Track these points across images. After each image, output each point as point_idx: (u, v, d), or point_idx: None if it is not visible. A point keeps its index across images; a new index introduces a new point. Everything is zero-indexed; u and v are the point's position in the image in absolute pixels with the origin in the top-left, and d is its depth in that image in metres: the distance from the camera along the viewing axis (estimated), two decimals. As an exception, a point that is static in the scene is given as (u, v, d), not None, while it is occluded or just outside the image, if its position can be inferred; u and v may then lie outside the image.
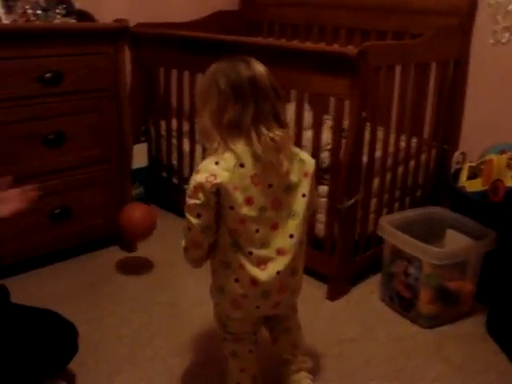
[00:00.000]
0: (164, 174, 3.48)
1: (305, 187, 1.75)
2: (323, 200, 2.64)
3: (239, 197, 1.64)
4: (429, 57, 2.78)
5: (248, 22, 3.94)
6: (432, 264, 2.35)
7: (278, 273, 1.72)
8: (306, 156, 1.81)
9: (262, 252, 1.71)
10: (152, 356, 2.21)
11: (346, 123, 2.51)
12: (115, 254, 2.97)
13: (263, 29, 3.89)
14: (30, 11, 2.71)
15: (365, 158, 2.55)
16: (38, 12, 2.75)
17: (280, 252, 1.72)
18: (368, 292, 2.68)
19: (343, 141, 2.49)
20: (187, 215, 1.70)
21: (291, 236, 1.73)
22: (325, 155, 2.66)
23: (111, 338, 2.31)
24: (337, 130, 2.50)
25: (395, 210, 2.89)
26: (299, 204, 1.74)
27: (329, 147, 2.65)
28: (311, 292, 2.65)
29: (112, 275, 2.78)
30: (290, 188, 1.73)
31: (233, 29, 3.68)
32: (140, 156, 3.23)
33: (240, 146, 1.64)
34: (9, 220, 2.42)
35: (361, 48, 2.30)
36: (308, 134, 2.70)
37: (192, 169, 3.22)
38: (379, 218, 2.68)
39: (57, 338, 1.98)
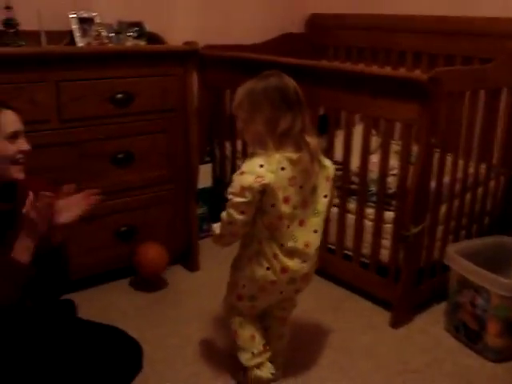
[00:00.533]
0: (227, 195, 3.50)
1: (326, 189, 1.99)
2: (388, 226, 2.61)
3: (280, 196, 1.85)
4: (500, 82, 2.72)
5: (313, 44, 3.95)
6: (501, 295, 2.28)
7: (305, 262, 1.96)
8: (328, 162, 2.03)
9: (292, 244, 1.93)
10: (214, 377, 2.22)
11: (411, 148, 2.48)
12: (179, 272, 3.00)
13: (328, 51, 3.90)
14: (103, 34, 2.79)
15: (432, 184, 2.51)
16: (111, 35, 2.84)
17: (307, 245, 1.95)
18: (432, 321, 2.62)
19: (409, 166, 2.47)
20: (231, 211, 1.87)
21: (315, 231, 1.98)
22: (390, 180, 2.62)
23: (174, 357, 2.32)
24: (404, 156, 2.47)
25: (461, 237, 2.83)
26: (322, 204, 1.98)
27: (394, 172, 2.63)
28: (374, 318, 2.63)
29: (175, 294, 2.80)
30: (315, 190, 1.96)
31: (298, 51, 3.70)
32: (204, 176, 3.26)
33: (288, 153, 1.84)
34: (78, 235, 2.50)
35: (432, 74, 2.27)
36: (373, 158, 2.68)
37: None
38: (445, 245, 2.64)
39: (122, 355, 2.01)
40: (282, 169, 1.84)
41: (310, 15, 3.95)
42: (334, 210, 2.82)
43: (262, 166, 1.82)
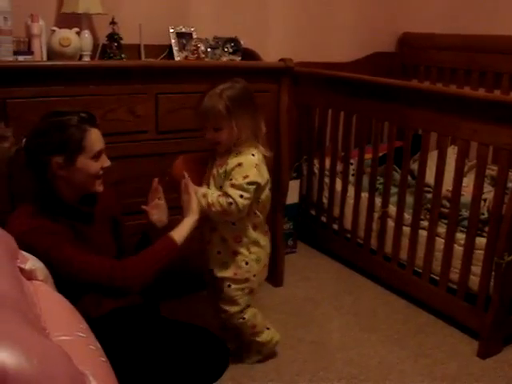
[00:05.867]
0: (313, 212, 3.51)
1: None
2: (480, 252, 2.54)
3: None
4: None
5: (403, 64, 3.92)
6: None
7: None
8: None
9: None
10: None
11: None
12: (262, 287, 2.98)
13: (419, 72, 3.85)
14: (200, 49, 2.86)
15: (529, 212, 2.44)
16: (208, 50, 2.91)
17: None
18: (523, 353, 2.53)
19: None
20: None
21: None
22: (481, 205, 2.56)
23: (256, 371, 2.34)
24: (501, 182, 2.40)
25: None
26: None
27: (484, 197, 2.57)
28: (459, 346, 2.56)
29: (258, 308, 2.77)
30: None
31: (387, 70, 3.69)
32: (291, 192, 3.25)
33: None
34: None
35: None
36: (463, 182, 2.63)
37: (342, 209, 3.23)
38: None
39: (210, 350, 2.03)
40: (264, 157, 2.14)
41: (402, 34, 3.92)
42: (423, 232, 2.78)
43: (253, 155, 2.08)
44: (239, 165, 2.05)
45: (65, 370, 0.79)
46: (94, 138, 1.91)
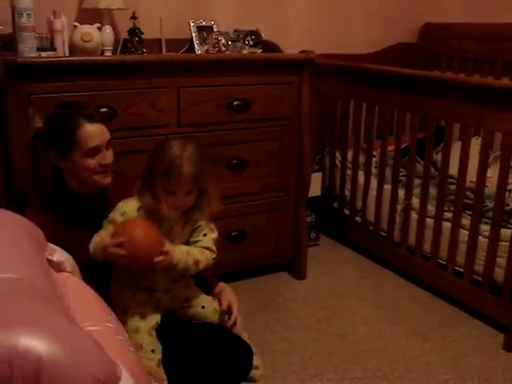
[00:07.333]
0: (335, 205, 3.50)
1: None
2: (505, 244, 2.51)
3: None
4: None
5: (425, 54, 3.89)
6: None
7: None
8: None
9: None
10: (320, 386, 2.22)
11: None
12: (284, 279, 3.02)
13: (441, 62, 3.81)
14: (221, 42, 2.85)
15: (555, 203, 2.41)
16: (228, 42, 2.90)
17: None
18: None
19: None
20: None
21: None
22: (507, 196, 2.53)
23: (281, 363, 2.33)
24: (526, 172, 2.38)
25: None
26: None
27: (510, 188, 2.54)
28: (485, 339, 2.54)
29: (282, 301, 2.82)
30: None
31: (410, 61, 3.64)
32: (314, 185, 3.24)
33: None
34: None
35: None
36: (487, 173, 2.60)
37: (365, 201, 3.22)
38: None
39: (234, 354, 2.04)
40: None
41: (424, 25, 3.88)
42: (447, 224, 2.76)
43: None
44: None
45: (97, 358, 0.80)
46: (89, 134, 1.84)
